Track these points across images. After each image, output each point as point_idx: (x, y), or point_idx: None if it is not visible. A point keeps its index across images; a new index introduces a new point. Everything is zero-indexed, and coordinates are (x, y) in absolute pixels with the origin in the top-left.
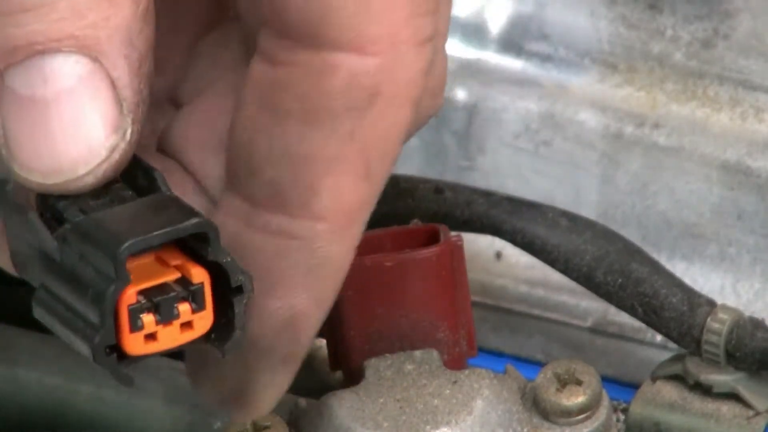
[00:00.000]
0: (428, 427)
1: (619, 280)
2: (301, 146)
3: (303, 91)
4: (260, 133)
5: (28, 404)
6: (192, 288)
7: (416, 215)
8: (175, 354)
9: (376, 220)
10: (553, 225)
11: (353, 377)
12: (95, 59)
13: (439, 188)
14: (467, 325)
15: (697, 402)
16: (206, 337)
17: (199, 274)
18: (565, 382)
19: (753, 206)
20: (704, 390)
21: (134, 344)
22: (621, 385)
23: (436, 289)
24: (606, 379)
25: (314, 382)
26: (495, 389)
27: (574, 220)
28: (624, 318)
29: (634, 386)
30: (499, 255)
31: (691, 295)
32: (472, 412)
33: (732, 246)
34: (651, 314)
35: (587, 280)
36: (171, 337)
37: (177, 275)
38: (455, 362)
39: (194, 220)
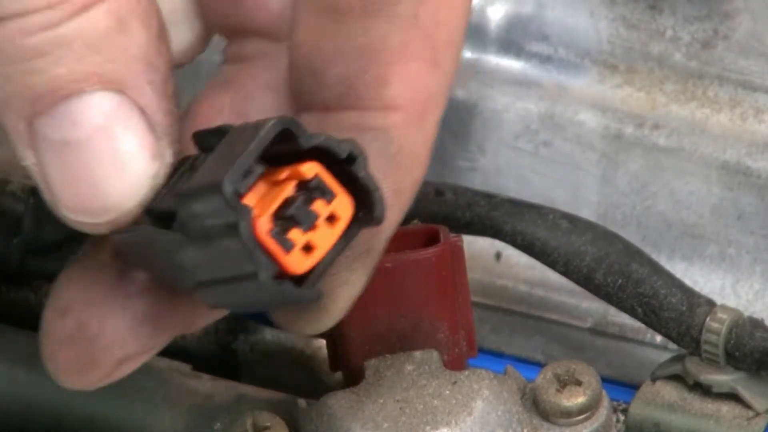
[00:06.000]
0: (428, 427)
1: (619, 281)
2: (366, 38)
3: None
4: (323, 37)
5: (28, 404)
6: (312, 184)
7: (417, 217)
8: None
9: None
10: (553, 227)
11: (353, 378)
12: (120, 91)
13: (439, 190)
14: (467, 326)
15: (696, 402)
16: (357, 221)
17: (309, 168)
18: (564, 382)
19: (753, 207)
20: (704, 390)
21: (297, 262)
22: (621, 385)
23: (436, 290)
24: (606, 380)
25: (314, 382)
26: (495, 390)
27: (574, 221)
28: (624, 318)
29: (634, 386)
30: (499, 255)
31: (690, 295)
32: (472, 412)
33: (732, 246)
34: (650, 314)
35: (587, 282)
36: (325, 236)
37: (293, 183)
38: (455, 363)
39: (270, 123)
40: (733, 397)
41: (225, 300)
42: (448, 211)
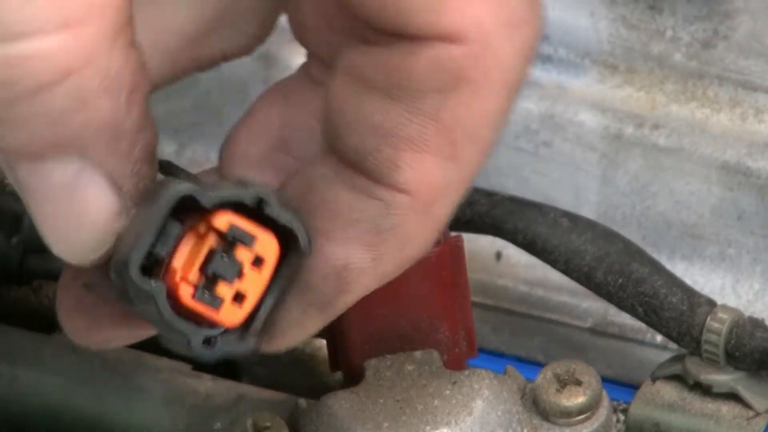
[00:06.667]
0: (428, 427)
1: (620, 280)
2: (384, 119)
3: (388, 65)
4: (347, 101)
5: (28, 404)
6: (229, 234)
7: None
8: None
9: None
10: (554, 225)
11: (353, 378)
12: (83, 157)
13: None
14: (467, 326)
15: (697, 402)
16: (288, 256)
17: (221, 220)
18: (565, 382)
19: (753, 207)
20: (704, 390)
21: (230, 316)
22: (621, 385)
23: (436, 289)
24: (606, 380)
25: (314, 382)
26: (495, 390)
27: (574, 220)
28: (624, 318)
29: (634, 386)
30: (499, 255)
31: (691, 294)
32: (472, 412)
33: (732, 246)
34: (651, 314)
35: (587, 280)
36: (254, 281)
37: (214, 234)
38: (455, 363)
39: (164, 198)
40: (733, 397)
41: (179, 349)
42: None
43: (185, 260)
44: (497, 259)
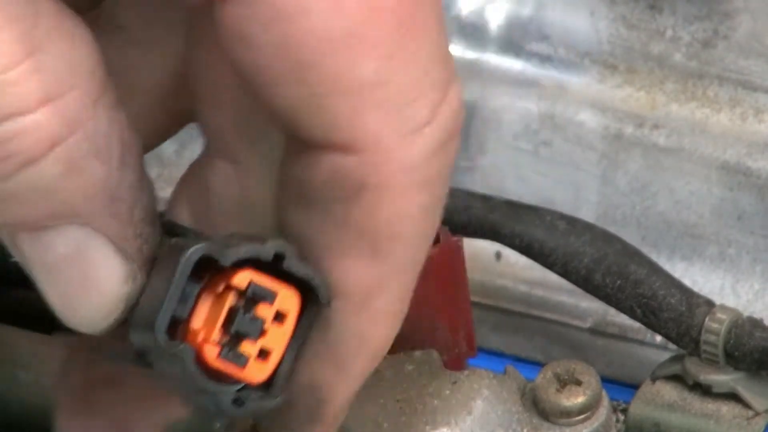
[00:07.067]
0: (428, 427)
1: (618, 282)
2: (303, 229)
3: (296, 176)
4: (281, 208)
5: (28, 404)
6: (249, 292)
7: None
8: None
9: None
10: (551, 228)
11: None
12: (84, 224)
13: None
14: (467, 326)
15: (696, 402)
16: (308, 307)
17: (241, 279)
18: (564, 382)
19: (753, 207)
20: (704, 390)
21: (256, 372)
22: (621, 385)
23: (435, 290)
24: (606, 380)
25: None
26: (495, 390)
27: (572, 222)
28: (624, 318)
29: (634, 386)
30: (498, 255)
31: (689, 295)
32: (472, 412)
33: (732, 247)
34: (650, 315)
35: (586, 283)
36: (278, 336)
37: (233, 291)
38: (455, 363)
39: (184, 257)
40: (733, 397)
41: (205, 406)
42: (446, 213)
43: (205, 319)
44: (497, 259)
